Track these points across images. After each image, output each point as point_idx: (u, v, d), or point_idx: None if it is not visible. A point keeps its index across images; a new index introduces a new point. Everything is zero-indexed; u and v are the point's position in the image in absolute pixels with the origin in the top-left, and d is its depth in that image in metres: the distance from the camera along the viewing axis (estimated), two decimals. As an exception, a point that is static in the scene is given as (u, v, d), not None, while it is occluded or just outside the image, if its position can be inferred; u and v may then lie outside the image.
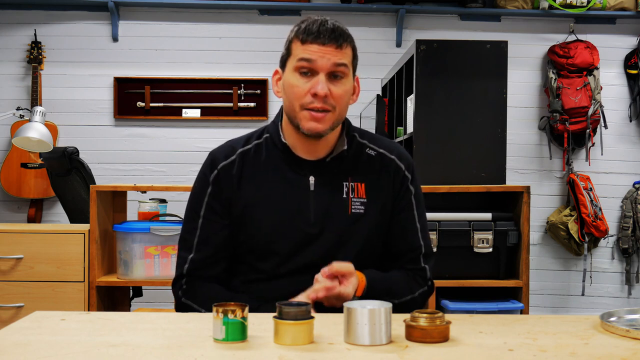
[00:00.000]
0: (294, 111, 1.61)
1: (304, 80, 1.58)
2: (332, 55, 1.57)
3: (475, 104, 3.12)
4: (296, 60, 1.58)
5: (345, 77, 1.61)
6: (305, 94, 1.58)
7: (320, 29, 1.57)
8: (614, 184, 4.87)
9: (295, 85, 1.59)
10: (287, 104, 1.64)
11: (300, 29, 1.59)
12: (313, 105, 1.57)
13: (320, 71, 1.57)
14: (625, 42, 4.90)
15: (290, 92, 1.60)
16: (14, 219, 4.74)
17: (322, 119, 1.58)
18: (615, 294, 4.91)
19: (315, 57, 1.56)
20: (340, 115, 1.63)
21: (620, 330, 1.30)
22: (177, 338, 1.25)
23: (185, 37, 4.82)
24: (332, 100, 1.58)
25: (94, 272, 2.85)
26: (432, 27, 4.86)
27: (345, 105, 1.64)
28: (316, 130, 1.59)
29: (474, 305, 2.87)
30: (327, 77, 1.58)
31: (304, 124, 1.59)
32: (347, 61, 1.60)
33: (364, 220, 1.66)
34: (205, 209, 1.68)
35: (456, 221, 2.94)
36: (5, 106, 4.60)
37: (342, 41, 1.58)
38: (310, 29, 1.57)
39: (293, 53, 1.60)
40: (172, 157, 4.79)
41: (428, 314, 1.24)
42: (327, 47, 1.57)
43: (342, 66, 1.59)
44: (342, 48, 1.58)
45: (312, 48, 1.57)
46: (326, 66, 1.57)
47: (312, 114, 1.58)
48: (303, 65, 1.58)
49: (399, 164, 1.72)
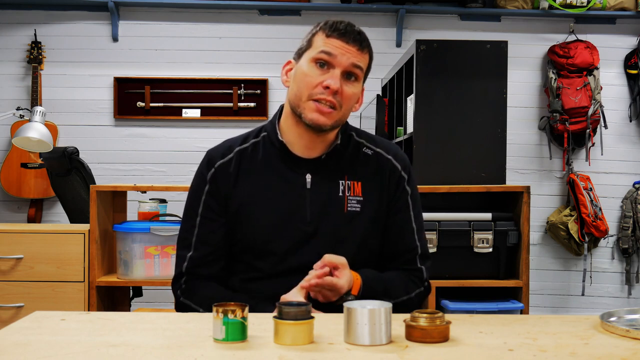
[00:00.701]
0: (300, 100, 1.62)
1: (319, 72, 1.60)
2: (353, 55, 1.60)
3: (475, 104, 3.12)
4: (317, 51, 1.61)
5: (357, 81, 1.64)
6: (316, 85, 1.60)
7: (347, 28, 1.61)
8: (614, 184, 4.87)
9: (309, 74, 1.61)
10: (293, 92, 1.64)
11: (328, 24, 1.63)
12: (322, 97, 1.59)
13: (337, 67, 1.60)
14: (625, 42, 4.90)
15: (302, 80, 1.61)
16: (14, 219, 4.74)
17: (328, 114, 1.60)
18: (615, 294, 4.90)
19: (336, 52, 1.59)
20: (344, 116, 1.65)
21: (620, 330, 1.30)
22: (177, 338, 1.25)
23: (185, 37, 4.82)
24: (341, 98, 1.60)
25: (94, 272, 2.85)
26: (432, 27, 4.86)
27: (350, 108, 1.66)
28: (318, 122, 1.60)
29: (474, 305, 2.87)
30: (341, 74, 1.60)
31: (307, 113, 1.60)
32: (364, 65, 1.64)
33: (360, 218, 1.66)
34: (203, 207, 1.68)
35: (456, 221, 2.94)
36: (5, 106, 4.60)
37: (364, 45, 1.63)
38: (337, 26, 1.61)
39: (314, 45, 1.62)
40: (172, 157, 4.79)
41: (428, 314, 1.24)
42: (350, 46, 1.60)
43: (358, 68, 1.62)
44: (363, 52, 1.63)
45: (336, 43, 1.60)
46: (345, 64, 1.60)
47: (318, 105, 1.59)
48: (322, 58, 1.60)
49: (395, 164, 1.72)
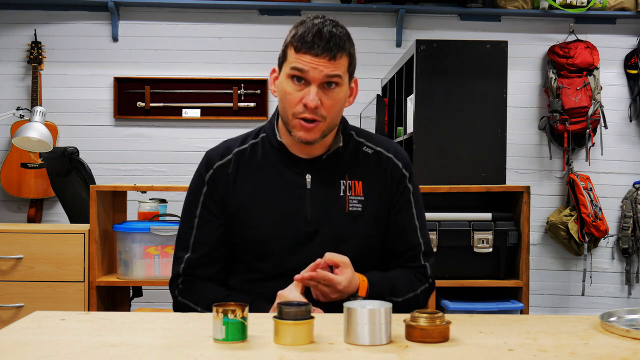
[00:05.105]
0: (287, 117, 1.60)
1: (297, 88, 1.56)
2: (325, 67, 1.53)
3: (475, 104, 3.12)
4: (289, 67, 1.56)
5: (339, 86, 1.58)
6: (297, 102, 1.56)
7: (315, 40, 1.53)
8: (614, 184, 4.87)
9: (288, 92, 1.57)
10: (281, 108, 1.63)
11: (297, 35, 1.55)
12: (304, 115, 1.56)
13: (312, 82, 1.55)
14: (625, 42, 4.90)
15: (284, 99, 1.59)
16: (14, 219, 4.74)
17: (312, 129, 1.57)
18: (615, 294, 4.90)
19: (307, 67, 1.53)
20: (331, 124, 1.61)
21: (620, 330, 1.30)
22: (177, 338, 1.25)
23: (185, 37, 4.82)
24: (323, 110, 1.56)
25: (94, 272, 2.85)
26: (432, 27, 4.86)
27: (338, 113, 1.62)
28: (306, 139, 1.59)
29: (474, 305, 2.87)
30: (319, 87, 1.55)
31: (295, 132, 1.59)
32: (341, 71, 1.57)
33: (362, 218, 1.65)
34: (201, 208, 1.68)
35: (456, 221, 2.94)
36: (5, 106, 4.60)
37: (336, 51, 1.54)
38: (305, 38, 1.53)
39: (287, 59, 1.58)
40: (172, 157, 4.79)
41: (428, 314, 1.24)
42: (320, 59, 1.53)
43: (335, 77, 1.55)
44: (336, 59, 1.54)
45: (305, 58, 1.53)
46: (318, 77, 1.54)
47: (302, 123, 1.57)
48: (295, 74, 1.56)
49: (396, 162, 1.71)
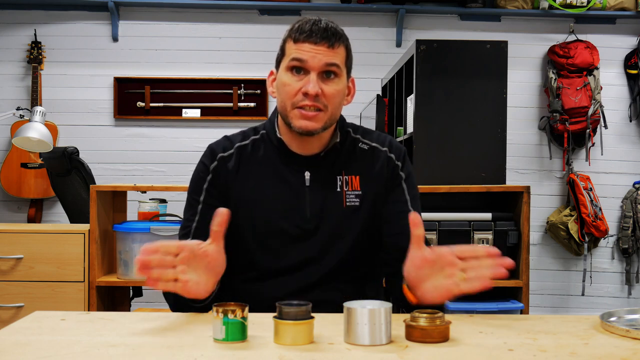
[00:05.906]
0: (286, 110, 1.61)
1: (296, 79, 1.58)
2: (324, 55, 1.56)
3: (475, 104, 3.12)
4: (289, 59, 1.58)
5: (338, 77, 1.60)
6: (296, 92, 1.58)
7: (313, 28, 1.56)
8: (614, 184, 4.87)
9: (288, 83, 1.59)
10: (280, 103, 1.63)
11: (294, 28, 1.59)
12: (304, 104, 1.57)
13: (311, 70, 1.57)
14: (625, 42, 4.90)
15: (283, 91, 1.60)
16: (14, 219, 4.74)
17: (314, 118, 1.58)
18: (615, 294, 4.90)
19: (306, 56, 1.56)
20: (333, 115, 1.62)
21: (620, 330, 1.30)
22: (177, 338, 1.25)
23: (185, 37, 4.82)
24: (324, 99, 1.58)
25: (94, 272, 2.85)
26: (432, 27, 4.86)
27: (339, 105, 1.63)
28: (307, 129, 1.59)
29: (474, 305, 2.86)
30: (319, 76, 1.57)
31: (295, 122, 1.59)
32: (340, 61, 1.59)
33: (360, 212, 1.66)
34: (205, 194, 1.67)
35: (456, 221, 2.94)
36: (5, 106, 4.61)
37: (334, 40, 1.57)
38: (302, 28, 1.57)
39: (286, 52, 1.60)
40: (172, 157, 4.79)
41: (428, 314, 1.24)
42: (319, 47, 1.56)
43: (333, 66, 1.58)
44: (335, 47, 1.58)
45: (304, 47, 1.56)
46: (317, 65, 1.56)
47: (302, 112, 1.58)
48: (295, 65, 1.57)
49: (389, 155, 1.72)
